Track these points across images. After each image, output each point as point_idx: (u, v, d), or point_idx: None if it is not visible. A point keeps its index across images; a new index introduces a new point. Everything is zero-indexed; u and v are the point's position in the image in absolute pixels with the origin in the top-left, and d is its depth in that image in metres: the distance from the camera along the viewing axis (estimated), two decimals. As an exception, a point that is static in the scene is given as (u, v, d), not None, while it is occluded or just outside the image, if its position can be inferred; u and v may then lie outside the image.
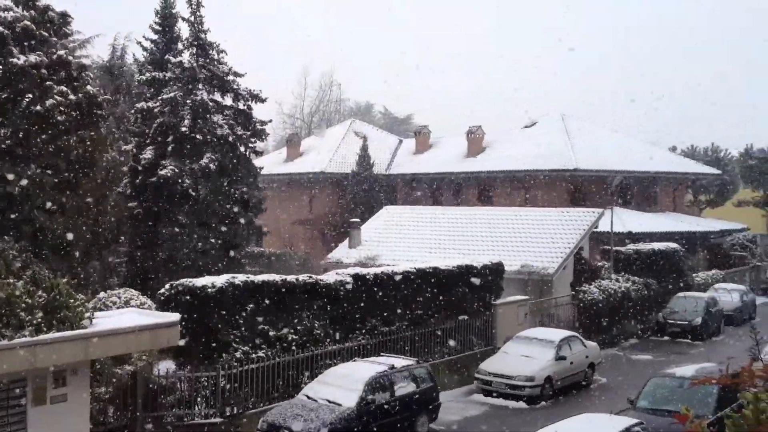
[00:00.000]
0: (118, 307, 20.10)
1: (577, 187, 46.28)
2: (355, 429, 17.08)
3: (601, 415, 16.46)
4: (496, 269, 27.43)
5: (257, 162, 35.91)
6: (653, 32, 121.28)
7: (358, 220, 40.11)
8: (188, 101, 31.68)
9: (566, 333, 25.25)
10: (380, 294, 22.81)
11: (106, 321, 14.20)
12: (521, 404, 22.18)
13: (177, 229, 30.54)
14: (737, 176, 60.49)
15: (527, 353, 23.40)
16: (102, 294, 21.88)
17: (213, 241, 31.07)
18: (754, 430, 2.52)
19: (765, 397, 2.54)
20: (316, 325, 20.77)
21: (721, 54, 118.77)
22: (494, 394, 22.72)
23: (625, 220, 42.43)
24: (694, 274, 40.39)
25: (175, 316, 15.18)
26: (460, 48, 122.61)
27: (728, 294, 37.00)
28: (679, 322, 32.80)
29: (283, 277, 20.88)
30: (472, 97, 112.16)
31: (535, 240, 33.09)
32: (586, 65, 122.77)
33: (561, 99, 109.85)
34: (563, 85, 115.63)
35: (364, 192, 49.58)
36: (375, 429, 17.69)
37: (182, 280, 19.24)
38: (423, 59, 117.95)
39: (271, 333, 19.59)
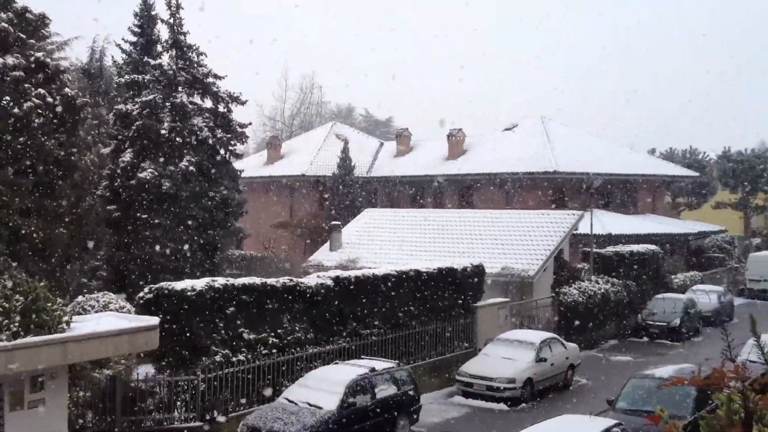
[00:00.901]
0: (96, 311, 19.95)
1: (557, 190, 46.53)
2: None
3: (581, 416, 16.56)
4: (477, 271, 27.50)
5: (237, 164, 35.87)
6: (652, 33, 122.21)
7: (339, 222, 40.08)
8: (167, 104, 31.56)
9: (546, 335, 25.35)
10: (361, 296, 22.80)
11: (84, 325, 14.09)
12: (502, 406, 22.23)
13: (156, 232, 30.37)
14: (715, 179, 61.11)
15: (508, 355, 23.46)
16: (80, 298, 21.73)
17: (193, 244, 30.92)
18: (726, 430, 2.55)
19: (737, 398, 2.58)
20: (297, 328, 20.72)
21: (722, 54, 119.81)
22: (475, 396, 22.76)
23: (605, 222, 42.72)
24: (672, 276, 40.70)
25: (154, 320, 15.09)
26: (449, 50, 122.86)
27: (706, 295, 37.30)
28: (658, 324, 33.03)
29: (264, 280, 20.81)
30: (463, 99, 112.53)
31: (516, 242, 33.22)
32: (586, 65, 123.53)
33: (555, 100, 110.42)
34: (561, 86, 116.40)
35: (345, 194, 49.57)
36: (356, 432, 17.70)
37: (162, 284, 19.12)
38: (413, 62, 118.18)
39: (252, 336, 19.52)
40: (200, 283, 19.03)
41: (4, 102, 21.83)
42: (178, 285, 18.87)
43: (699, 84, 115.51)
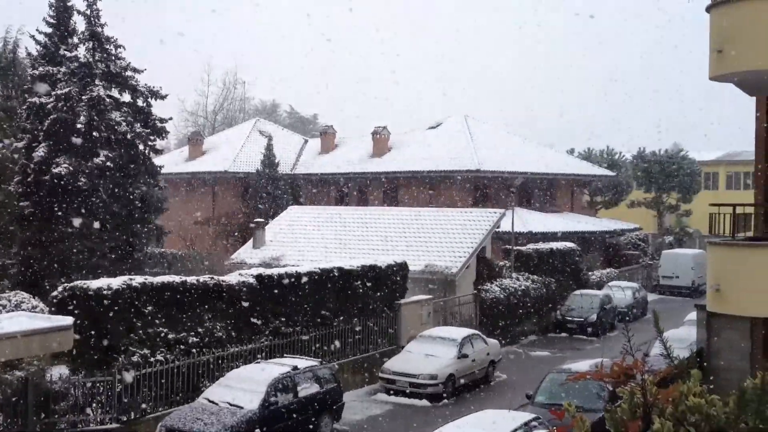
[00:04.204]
0: (8, 311, 19.34)
1: (480, 188, 47.18)
2: (258, 431, 16.90)
3: (501, 411, 16.86)
4: (401, 269, 27.65)
5: (157, 160, 35.16)
6: (574, 36, 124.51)
7: (262, 220, 39.70)
8: (84, 97, 30.68)
9: (468, 331, 25.69)
10: (284, 295, 22.64)
11: (-7, 326, 13.59)
12: (424, 402, 22.44)
13: (72, 230, 29.50)
14: (630, 178, 62.92)
15: (430, 352, 23.68)
16: (-10, 297, 20.96)
17: (110, 241, 30.16)
18: (628, 424, 2.62)
19: (639, 392, 2.65)
20: (218, 327, 20.44)
21: (639, 60, 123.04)
22: (398, 393, 22.90)
23: (526, 220, 43.56)
24: (590, 273, 41.78)
25: (67, 320, 14.69)
26: (373, 49, 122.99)
27: (622, 291, 38.44)
28: (575, 319, 33.87)
29: (184, 278, 20.45)
30: (388, 97, 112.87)
31: (439, 240, 33.54)
32: (508, 67, 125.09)
33: (479, 100, 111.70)
34: (483, 86, 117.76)
35: (268, 192, 49.12)
36: (278, 431, 17.56)
37: (76, 283, 18.60)
38: (338, 59, 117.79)
39: (171, 336, 19.16)
40: (117, 282, 18.56)
41: None
42: (94, 284, 18.37)
43: (617, 87, 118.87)
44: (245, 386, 17.62)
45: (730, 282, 13.15)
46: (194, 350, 19.44)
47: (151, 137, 33.14)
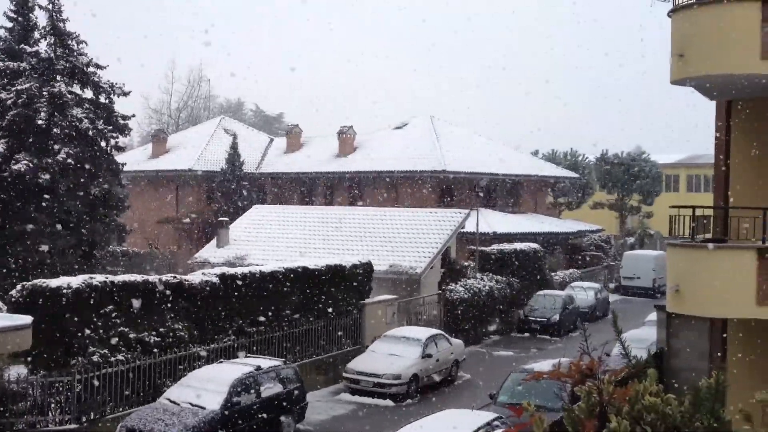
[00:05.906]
0: (-36, 310, 18.93)
1: (445, 188, 47.34)
2: (220, 432, 16.78)
3: (464, 410, 16.95)
4: (366, 269, 27.64)
5: (120, 158, 34.74)
6: (541, 40, 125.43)
7: (226, 219, 39.47)
8: (45, 93, 30.19)
9: (432, 331, 25.76)
10: (248, 294, 22.51)
11: (-52, 325, 13.32)
12: (388, 402, 22.44)
13: (31, 227, 29.02)
14: (594, 180, 63.60)
15: (394, 352, 23.70)
16: (-54, 296, 20.54)
17: (71, 239, 29.73)
18: (584, 423, 2.65)
19: (595, 392, 2.68)
20: (180, 326, 20.24)
21: (602, 63, 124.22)
22: (362, 393, 22.89)
23: (491, 221, 43.81)
24: (553, 273, 42.13)
25: (26, 319, 14.46)
26: (339, 48, 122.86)
27: (584, 292, 38.82)
28: (538, 320, 34.13)
29: (145, 277, 20.25)
30: (354, 97, 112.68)
31: (404, 240, 33.61)
32: (474, 70, 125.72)
33: (445, 101, 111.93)
34: (450, 87, 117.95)
35: (233, 191, 48.82)
36: (240, 431, 17.45)
37: (35, 281, 18.35)
38: (304, 58, 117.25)
39: (132, 335, 18.94)
40: (77, 281, 18.32)
41: None
42: (54, 282, 18.12)
43: (582, 89, 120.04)
44: (207, 386, 17.47)
45: (689, 283, 13.32)
46: (156, 350, 19.24)
47: (114, 134, 32.74)
